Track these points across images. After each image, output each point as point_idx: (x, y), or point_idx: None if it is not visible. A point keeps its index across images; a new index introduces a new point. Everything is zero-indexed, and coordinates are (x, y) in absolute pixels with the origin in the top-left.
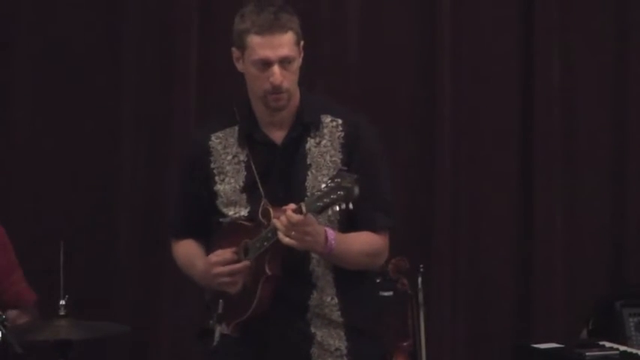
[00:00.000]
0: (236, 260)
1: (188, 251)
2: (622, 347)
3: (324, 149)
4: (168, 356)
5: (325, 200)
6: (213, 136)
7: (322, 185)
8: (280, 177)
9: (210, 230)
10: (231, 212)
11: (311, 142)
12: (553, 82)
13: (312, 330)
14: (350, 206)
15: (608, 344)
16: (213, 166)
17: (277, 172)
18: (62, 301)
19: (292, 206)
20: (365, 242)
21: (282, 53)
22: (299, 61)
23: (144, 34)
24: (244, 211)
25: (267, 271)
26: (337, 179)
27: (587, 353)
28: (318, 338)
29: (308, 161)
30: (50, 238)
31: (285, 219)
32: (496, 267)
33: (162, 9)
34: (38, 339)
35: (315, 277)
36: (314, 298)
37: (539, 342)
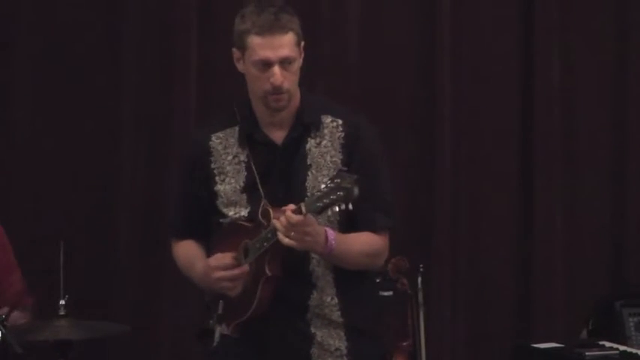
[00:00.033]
0: (236, 265)
1: (188, 252)
2: (622, 347)
3: (325, 149)
4: (168, 356)
5: (325, 201)
6: (213, 137)
7: (322, 186)
8: (280, 177)
9: (210, 230)
10: (231, 212)
11: (311, 142)
12: (553, 82)
13: (312, 330)
14: (350, 207)
15: (608, 344)
16: (213, 166)
17: (277, 172)
18: (62, 301)
19: (292, 207)
20: (365, 242)
21: (282, 54)
22: (299, 61)
23: (144, 34)
24: (244, 212)
25: (267, 271)
26: (337, 180)
27: (587, 353)
28: (318, 338)
29: (308, 161)
30: (50, 238)
31: (284, 220)
32: (496, 267)
33: (162, 9)
34: (38, 339)
35: (315, 277)
36: (314, 298)
37: (539, 342)
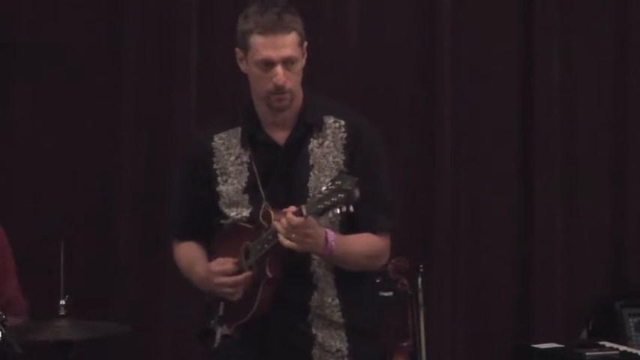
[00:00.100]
0: (237, 271)
1: (189, 255)
2: (622, 347)
3: (327, 150)
4: (169, 356)
5: (326, 203)
6: (216, 137)
7: (323, 188)
8: (282, 178)
9: (211, 232)
10: (233, 213)
11: (314, 142)
12: (553, 82)
13: (314, 331)
14: (350, 209)
15: (608, 344)
16: (215, 166)
17: (279, 172)
18: (62, 301)
19: (293, 209)
20: (365, 244)
21: (285, 54)
22: (302, 61)
23: (144, 34)
24: (246, 212)
25: (268, 273)
26: (338, 182)
27: (587, 353)
28: (320, 339)
29: (310, 162)
30: (50, 238)
31: (285, 222)
32: (496, 267)
33: (163, 9)
34: (38, 339)
35: (316, 278)
36: (315, 299)
37: (539, 342)
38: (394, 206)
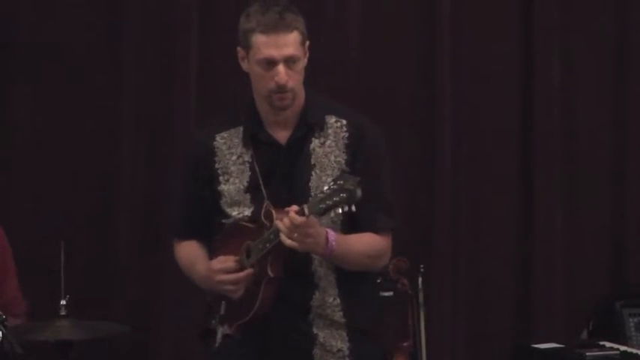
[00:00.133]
0: (239, 269)
1: (190, 253)
2: (622, 347)
3: (329, 149)
4: (169, 356)
5: (328, 202)
6: (217, 137)
7: (325, 187)
8: (284, 177)
9: (212, 231)
10: (234, 212)
11: (315, 142)
12: (553, 82)
13: (315, 331)
14: (352, 209)
15: (608, 344)
16: (217, 166)
17: (281, 172)
18: (63, 301)
19: (295, 208)
20: (366, 243)
21: (287, 52)
22: (304, 61)
23: (144, 34)
24: (248, 211)
25: (270, 272)
26: (340, 181)
27: (587, 353)
28: (321, 339)
29: (312, 161)
30: (50, 238)
31: (287, 221)
32: (496, 267)
33: (163, 9)
34: (39, 339)
35: (318, 277)
36: (316, 298)
37: (539, 342)
38: (395, 206)
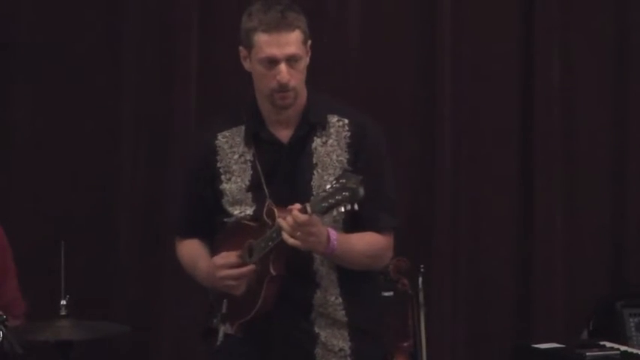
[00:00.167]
0: (241, 264)
1: (192, 251)
2: (622, 347)
3: (331, 149)
4: (169, 356)
5: (330, 201)
6: (219, 135)
7: (327, 186)
8: (286, 176)
9: (214, 230)
10: (236, 211)
11: (317, 141)
12: (553, 82)
13: (316, 330)
14: (355, 207)
15: (608, 344)
16: (219, 165)
17: (283, 171)
18: (63, 302)
19: (298, 206)
20: (368, 243)
21: (288, 51)
22: (306, 60)
23: (144, 34)
24: (250, 210)
25: (272, 271)
26: (342, 180)
27: (587, 353)
28: (322, 338)
29: (314, 160)
30: (50, 238)
31: (291, 219)
32: (496, 267)
33: (163, 9)
34: (39, 339)
35: (319, 276)
36: (318, 297)
37: (540, 342)
38: (397, 205)
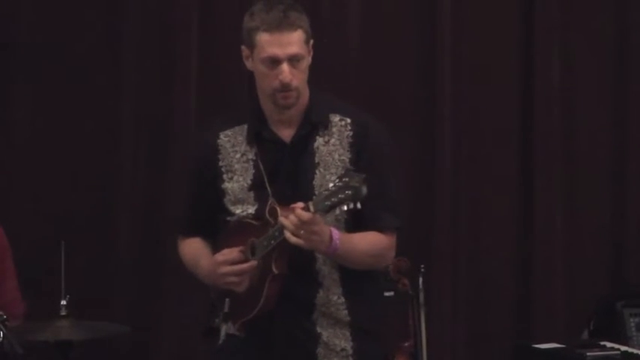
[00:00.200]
0: (243, 260)
1: (194, 250)
2: (623, 347)
3: (333, 148)
4: (169, 356)
5: (333, 200)
6: (221, 135)
7: (330, 185)
8: (288, 175)
9: (217, 229)
10: (238, 210)
11: (319, 140)
12: (553, 82)
13: (318, 330)
14: (358, 206)
15: (609, 344)
16: (221, 164)
17: (285, 170)
18: (63, 302)
19: (300, 205)
20: (370, 242)
21: (291, 51)
22: (308, 59)
23: (144, 34)
24: (252, 209)
25: (274, 269)
26: (345, 179)
27: (588, 353)
28: (324, 338)
29: (316, 160)
30: (50, 238)
31: (294, 218)
32: (496, 267)
33: (163, 9)
34: (39, 339)
35: (322, 276)
36: (320, 296)
37: (540, 342)
38: (400, 205)
